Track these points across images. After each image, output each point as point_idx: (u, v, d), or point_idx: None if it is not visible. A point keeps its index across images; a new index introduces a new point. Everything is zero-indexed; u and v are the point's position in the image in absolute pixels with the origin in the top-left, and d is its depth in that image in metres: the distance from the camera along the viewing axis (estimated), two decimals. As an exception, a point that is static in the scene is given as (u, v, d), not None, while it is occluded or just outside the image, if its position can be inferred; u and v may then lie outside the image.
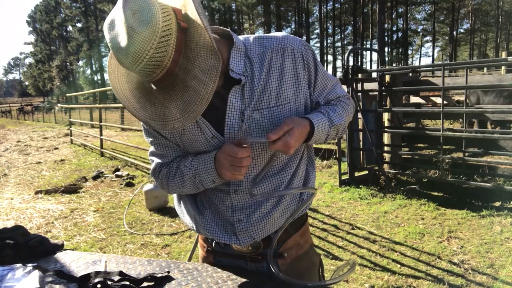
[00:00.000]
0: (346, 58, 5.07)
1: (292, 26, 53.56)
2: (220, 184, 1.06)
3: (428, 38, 60.94)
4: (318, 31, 54.34)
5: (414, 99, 8.11)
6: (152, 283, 1.09)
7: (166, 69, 0.84)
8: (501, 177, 4.47)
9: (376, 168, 5.07)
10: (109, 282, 1.06)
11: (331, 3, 53.25)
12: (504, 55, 8.84)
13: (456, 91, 7.38)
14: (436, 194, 4.53)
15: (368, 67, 31.04)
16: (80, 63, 63.46)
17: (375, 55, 52.36)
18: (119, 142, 9.02)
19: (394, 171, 5.07)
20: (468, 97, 6.17)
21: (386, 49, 47.98)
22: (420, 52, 65.97)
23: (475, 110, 4.88)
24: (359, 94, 5.17)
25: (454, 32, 51.20)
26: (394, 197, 4.49)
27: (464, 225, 3.61)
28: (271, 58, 1.02)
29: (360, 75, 5.28)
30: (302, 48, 1.04)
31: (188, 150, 1.09)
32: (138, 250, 3.45)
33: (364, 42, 49.36)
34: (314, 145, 1.16)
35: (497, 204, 4.04)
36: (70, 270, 1.22)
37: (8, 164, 8.62)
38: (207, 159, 1.01)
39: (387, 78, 5.00)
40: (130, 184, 5.84)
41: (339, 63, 62.53)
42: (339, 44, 59.10)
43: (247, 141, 0.94)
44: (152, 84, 0.91)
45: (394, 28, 54.92)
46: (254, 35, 1.07)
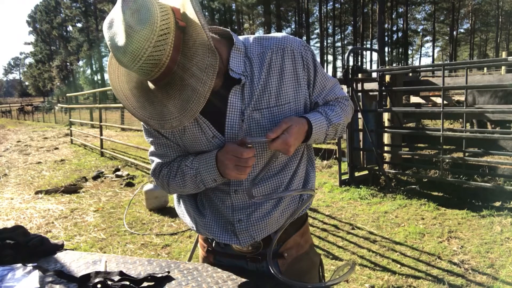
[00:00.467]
0: (346, 58, 5.07)
1: (292, 26, 53.59)
2: (220, 184, 1.06)
3: (428, 38, 61.00)
4: (318, 31, 54.38)
5: (414, 99, 8.10)
6: (152, 283, 1.09)
7: (164, 67, 0.85)
8: (501, 177, 4.47)
9: (376, 168, 5.07)
10: (109, 282, 1.06)
11: (331, 3, 53.32)
12: (504, 55, 8.85)
13: (456, 91, 7.38)
14: (436, 194, 4.53)
15: (368, 67, 31.08)
16: (80, 63, 63.56)
17: (375, 55, 52.45)
18: (119, 142, 9.02)
19: (394, 171, 5.07)
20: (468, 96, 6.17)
21: (386, 49, 47.99)
22: (420, 52, 66.05)
23: (475, 110, 4.88)
24: (359, 94, 5.17)
25: (454, 32, 51.22)
26: (394, 197, 4.49)
27: (464, 225, 3.61)
28: (271, 58, 1.02)
29: (360, 75, 5.28)
30: (301, 49, 1.04)
31: (189, 150, 1.09)
32: (138, 250, 3.45)
33: (364, 42, 49.38)
34: (314, 145, 1.17)
35: (497, 204, 4.04)
36: (70, 270, 1.22)
37: (8, 164, 8.62)
38: (208, 158, 1.01)
39: (387, 78, 5.00)
40: (130, 184, 5.84)
41: (339, 63, 62.64)
42: (339, 44, 59.17)
43: (249, 141, 0.94)
44: (151, 83, 0.92)
45: (394, 28, 54.94)
46: (253, 35, 1.08)
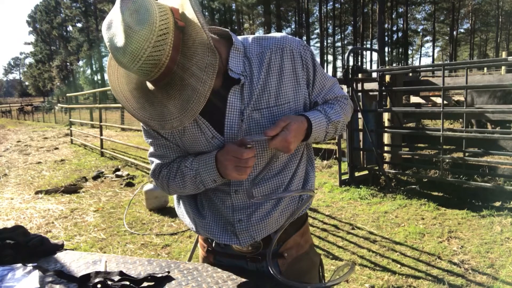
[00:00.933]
0: (346, 58, 5.07)
1: (292, 26, 53.59)
2: (220, 184, 1.06)
3: (428, 38, 60.98)
4: (318, 31, 54.36)
5: (414, 99, 8.10)
6: (152, 283, 1.09)
7: (164, 67, 0.84)
8: (501, 177, 4.47)
9: (376, 168, 5.07)
10: (109, 282, 1.06)
11: (331, 3, 53.30)
12: (504, 55, 8.85)
13: (456, 91, 7.38)
14: (436, 194, 4.53)
15: (368, 67, 31.07)
16: (80, 63, 63.55)
17: (375, 55, 52.44)
18: (119, 142, 9.02)
19: (394, 171, 5.07)
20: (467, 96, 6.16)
21: (386, 49, 47.98)
22: (420, 52, 66.04)
23: (475, 110, 4.88)
24: (359, 94, 5.16)
25: (454, 32, 51.20)
26: (394, 197, 4.49)
27: (464, 225, 3.61)
28: (270, 58, 1.02)
29: (360, 75, 5.28)
30: (300, 49, 1.04)
31: (188, 151, 1.09)
32: (138, 250, 3.45)
33: (364, 42, 49.37)
34: (314, 145, 1.17)
35: (497, 204, 4.04)
36: (70, 270, 1.22)
37: (8, 164, 8.62)
38: (208, 159, 1.01)
39: (387, 78, 5.00)
40: (130, 184, 5.84)
41: (339, 63, 62.62)
42: (339, 44, 59.16)
43: (249, 141, 0.94)
44: (151, 84, 0.92)
45: (394, 28, 54.93)
46: (252, 35, 1.08)
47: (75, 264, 1.26)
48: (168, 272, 1.14)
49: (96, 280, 1.08)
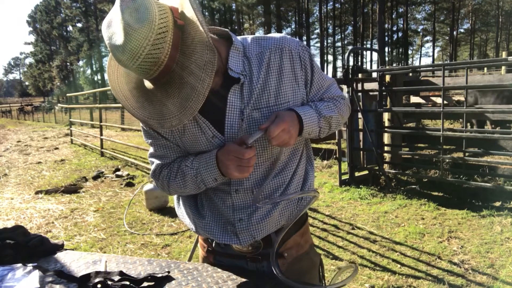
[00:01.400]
0: (346, 58, 5.07)
1: (292, 26, 53.61)
2: (221, 184, 1.06)
3: (428, 38, 60.97)
4: (318, 31, 54.33)
5: (414, 99, 8.10)
6: (152, 283, 1.09)
7: (163, 65, 0.85)
8: (501, 177, 4.47)
9: (376, 168, 5.07)
10: (109, 282, 1.07)
11: (331, 3, 53.29)
12: (504, 55, 8.85)
13: (456, 91, 7.37)
14: (436, 194, 4.53)
15: (368, 67, 31.06)
16: (80, 63, 63.52)
17: (375, 55, 52.41)
18: (119, 142, 9.02)
19: (394, 171, 5.07)
20: (469, 95, 6.16)
21: (386, 49, 47.97)
22: (420, 52, 66.00)
23: (475, 110, 4.88)
24: (359, 94, 5.16)
25: (454, 32, 51.19)
26: (394, 197, 4.49)
27: (464, 225, 3.61)
28: (270, 58, 1.03)
29: (360, 75, 5.28)
30: (299, 49, 1.05)
31: (189, 151, 1.09)
32: (138, 250, 3.45)
33: (364, 42, 49.36)
34: (314, 145, 1.17)
35: (497, 204, 4.04)
36: (70, 270, 1.22)
37: (8, 164, 8.62)
38: (208, 158, 1.01)
39: (387, 78, 5.00)
40: (130, 184, 5.84)
41: (339, 63, 62.61)
42: (339, 44, 59.14)
43: (250, 141, 0.94)
44: (151, 83, 0.92)
45: (394, 28, 54.93)
46: (252, 35, 1.09)
47: (75, 264, 1.26)
48: (168, 272, 1.14)
49: (96, 280, 1.08)
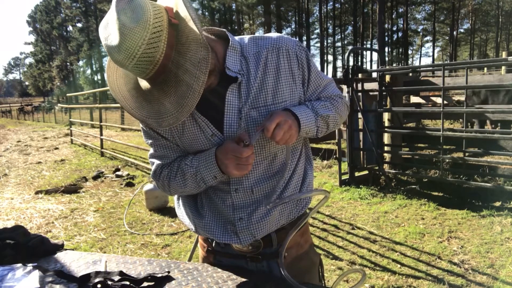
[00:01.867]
0: (346, 58, 5.07)
1: (292, 26, 53.61)
2: (220, 183, 1.06)
3: (428, 38, 60.92)
4: (318, 31, 54.30)
5: (414, 99, 8.10)
6: (152, 283, 1.09)
7: (158, 64, 0.86)
8: (501, 177, 4.47)
9: (376, 168, 5.07)
10: (109, 282, 1.07)
11: (331, 3, 53.25)
12: (504, 55, 8.84)
13: (456, 91, 7.37)
14: (436, 194, 4.53)
15: (368, 67, 31.04)
16: (80, 63, 63.48)
17: (375, 55, 52.41)
18: (119, 142, 9.02)
19: (394, 171, 5.07)
20: (474, 95, 6.13)
21: (386, 49, 47.96)
22: (420, 52, 65.97)
23: (475, 110, 4.87)
24: (359, 94, 5.16)
25: (454, 32, 51.16)
26: (394, 197, 4.49)
27: (464, 225, 3.61)
28: (267, 57, 1.03)
29: (360, 75, 5.28)
30: (296, 48, 1.06)
31: (188, 150, 1.09)
32: (138, 250, 3.45)
33: (364, 42, 49.34)
34: (314, 145, 1.17)
35: (497, 204, 4.04)
36: (70, 270, 1.22)
37: (8, 164, 8.62)
38: (208, 156, 1.01)
39: (387, 78, 5.00)
40: (130, 184, 5.84)
41: (339, 63, 62.62)
42: (339, 44, 59.12)
43: (252, 142, 0.94)
44: (148, 82, 0.93)
45: (394, 28, 54.90)
46: (249, 35, 1.09)
47: (75, 264, 1.26)
48: (168, 272, 1.14)
49: (96, 280, 1.08)
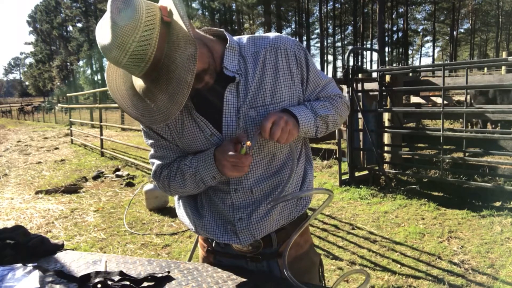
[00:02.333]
0: (346, 58, 5.07)
1: (292, 26, 53.60)
2: (220, 184, 1.06)
3: (428, 38, 60.91)
4: (318, 31, 54.29)
5: (414, 99, 8.10)
6: (152, 283, 1.09)
7: (151, 61, 0.87)
8: (501, 177, 4.47)
9: (376, 168, 5.07)
10: (109, 282, 1.07)
11: (331, 3, 53.24)
12: (504, 55, 8.84)
13: (456, 91, 7.37)
14: (436, 194, 4.52)
15: (369, 67, 31.04)
16: (81, 63, 63.49)
17: (375, 55, 52.35)
18: (120, 142, 9.02)
19: (394, 171, 5.07)
20: (481, 95, 6.10)
21: (386, 49, 47.96)
22: (421, 52, 65.94)
23: (475, 110, 4.88)
24: (360, 94, 5.16)
25: (455, 32, 51.16)
26: (395, 197, 4.49)
27: (464, 225, 3.61)
28: (265, 57, 1.03)
29: (360, 75, 5.28)
30: (295, 48, 1.06)
31: (188, 150, 1.09)
32: (138, 250, 3.46)
33: (364, 42, 49.32)
34: (314, 145, 1.17)
35: (497, 204, 4.04)
36: (71, 270, 1.22)
37: (9, 164, 8.62)
38: (206, 156, 1.02)
39: (388, 78, 5.00)
40: (130, 184, 5.84)
41: (339, 63, 62.62)
42: (339, 44, 59.12)
43: (247, 141, 0.94)
44: (142, 81, 0.94)
45: (395, 28, 54.89)
46: (248, 35, 1.10)
47: (75, 264, 1.26)
48: (168, 272, 1.14)
49: (96, 280, 1.08)
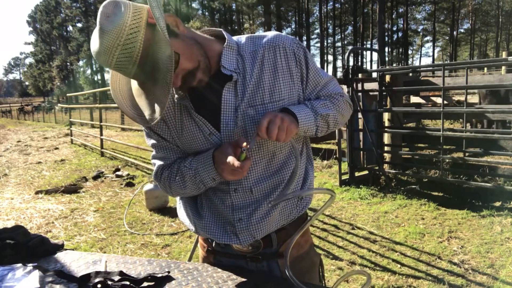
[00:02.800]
0: (346, 58, 5.06)
1: (292, 26, 53.60)
2: (220, 184, 1.06)
3: (428, 38, 60.92)
4: (318, 31, 54.29)
5: (414, 99, 8.11)
6: (152, 283, 1.09)
7: (137, 63, 0.88)
8: (501, 177, 4.47)
9: (376, 168, 5.07)
10: (109, 282, 1.07)
11: (331, 3, 53.26)
12: (504, 55, 8.83)
13: (456, 91, 7.37)
14: (436, 194, 4.52)
15: (369, 67, 31.03)
16: (81, 63, 63.44)
17: (375, 55, 52.34)
18: (120, 142, 9.02)
19: (394, 171, 5.07)
20: (491, 94, 6.07)
21: (386, 49, 47.96)
22: (421, 52, 65.96)
23: (475, 110, 4.87)
24: (360, 94, 5.16)
25: (455, 32, 51.17)
26: (395, 197, 4.49)
27: (464, 225, 3.61)
28: (263, 56, 1.03)
29: (360, 75, 5.28)
30: (293, 46, 1.05)
31: (188, 151, 1.09)
32: (138, 250, 3.45)
33: (364, 42, 49.32)
34: (314, 145, 1.17)
35: (497, 204, 4.04)
36: (71, 270, 1.22)
37: (9, 164, 8.62)
38: (206, 157, 1.02)
39: (388, 78, 5.00)
40: (130, 184, 5.84)
41: (339, 63, 62.64)
42: (339, 44, 59.13)
43: (247, 145, 0.93)
44: (137, 82, 0.97)
45: (395, 28, 54.91)
46: (247, 35, 1.10)
47: (75, 264, 1.26)
48: (168, 272, 1.14)
49: (96, 280, 1.08)
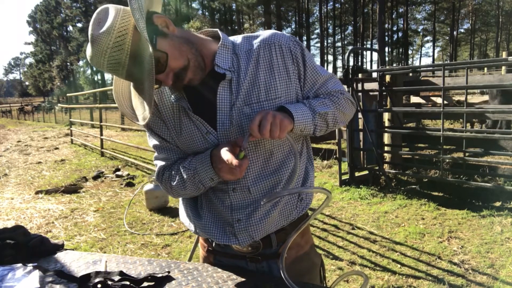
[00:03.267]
0: (346, 58, 5.06)
1: (292, 26, 53.62)
2: (219, 183, 1.06)
3: (428, 38, 60.96)
4: (318, 31, 54.33)
5: (415, 99, 8.10)
6: (153, 283, 1.09)
7: (126, 65, 0.91)
8: (501, 177, 4.47)
9: (377, 168, 5.07)
10: (109, 282, 1.07)
11: (331, 3, 53.29)
12: (504, 55, 8.84)
13: (456, 91, 7.37)
14: (436, 194, 4.52)
15: (369, 67, 31.02)
16: (81, 63, 63.37)
17: (375, 55, 52.34)
18: (120, 142, 9.02)
19: (394, 171, 5.07)
20: (501, 95, 6.04)
21: (387, 49, 47.96)
22: (421, 52, 65.99)
23: (475, 110, 4.87)
24: (360, 94, 5.16)
25: (455, 32, 51.17)
26: (395, 197, 4.49)
27: (464, 225, 3.61)
28: (259, 54, 1.03)
29: (360, 75, 5.28)
30: (290, 44, 1.05)
31: (187, 151, 1.10)
32: (139, 250, 3.46)
33: (365, 42, 49.32)
34: (314, 145, 1.17)
35: (497, 204, 4.04)
36: (71, 270, 1.22)
37: (9, 164, 8.62)
38: (204, 157, 1.02)
39: (388, 78, 5.00)
40: (130, 184, 5.85)
41: (339, 63, 62.69)
42: (339, 44, 59.17)
43: (244, 146, 0.93)
44: (132, 84, 1.02)
45: (395, 28, 54.92)
46: (244, 35, 1.10)
47: (75, 264, 1.26)
48: (168, 272, 1.14)
49: (96, 280, 1.08)
